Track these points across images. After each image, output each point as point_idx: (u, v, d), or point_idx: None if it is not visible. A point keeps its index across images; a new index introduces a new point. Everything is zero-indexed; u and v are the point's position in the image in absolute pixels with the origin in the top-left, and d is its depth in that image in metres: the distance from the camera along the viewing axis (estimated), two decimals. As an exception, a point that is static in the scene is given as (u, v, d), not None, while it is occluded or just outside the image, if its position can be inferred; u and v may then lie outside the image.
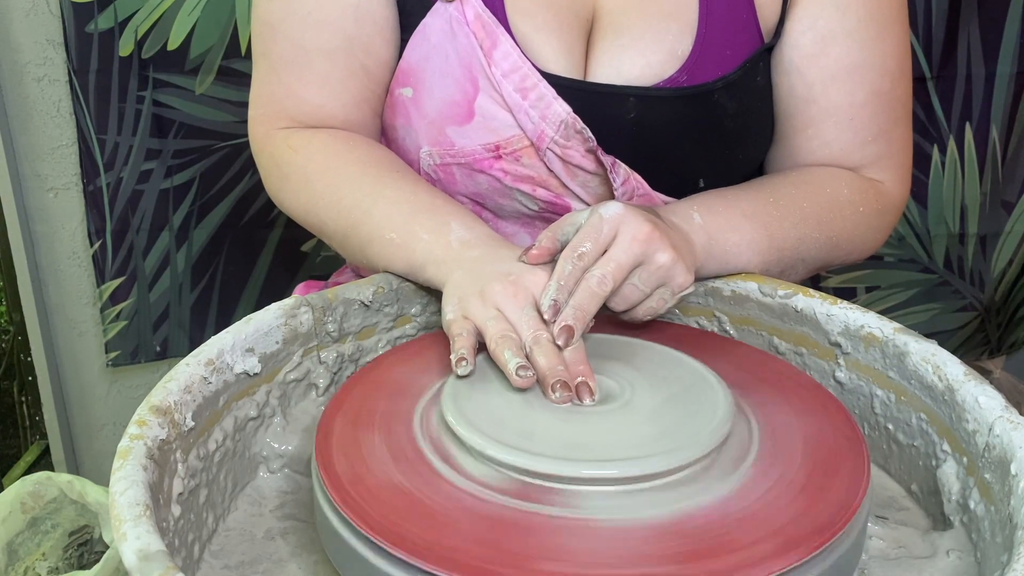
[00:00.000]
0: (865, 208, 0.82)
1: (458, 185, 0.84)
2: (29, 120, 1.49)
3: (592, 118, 0.78)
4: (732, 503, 0.52)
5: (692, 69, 0.80)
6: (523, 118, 0.79)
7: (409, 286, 0.74)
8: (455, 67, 0.80)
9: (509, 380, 0.59)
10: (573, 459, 0.53)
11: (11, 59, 1.46)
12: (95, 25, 1.41)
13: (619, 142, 0.80)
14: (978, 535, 0.57)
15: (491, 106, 0.79)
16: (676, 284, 0.67)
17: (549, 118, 0.78)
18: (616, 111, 0.80)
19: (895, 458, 0.66)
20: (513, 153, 0.81)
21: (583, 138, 0.79)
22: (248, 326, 0.64)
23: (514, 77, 0.78)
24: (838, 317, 0.68)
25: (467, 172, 0.83)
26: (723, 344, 0.71)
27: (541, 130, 0.79)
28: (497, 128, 0.80)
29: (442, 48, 0.80)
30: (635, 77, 0.80)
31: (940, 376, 0.60)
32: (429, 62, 0.80)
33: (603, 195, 0.83)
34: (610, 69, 0.80)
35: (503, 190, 0.83)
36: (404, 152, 0.86)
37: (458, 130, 0.81)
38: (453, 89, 0.80)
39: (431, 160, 0.83)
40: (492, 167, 0.82)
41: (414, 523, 0.50)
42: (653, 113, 0.80)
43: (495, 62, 0.78)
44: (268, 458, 0.66)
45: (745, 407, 0.60)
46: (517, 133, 0.80)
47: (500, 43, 0.78)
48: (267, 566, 0.58)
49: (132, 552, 0.45)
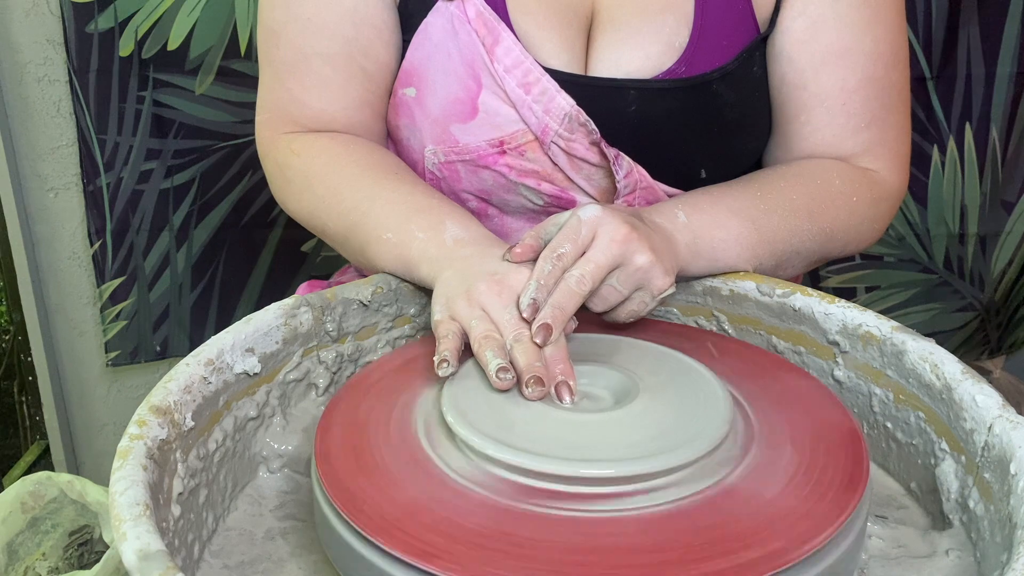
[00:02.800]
0: (858, 198, 0.82)
1: (463, 182, 0.85)
2: (29, 120, 1.49)
3: (594, 111, 0.79)
4: (731, 502, 0.52)
5: (690, 60, 0.81)
6: (527, 113, 0.80)
7: (408, 286, 0.74)
8: (457, 65, 0.80)
9: (490, 381, 0.59)
10: (573, 459, 0.53)
11: (11, 59, 1.46)
12: (95, 25, 1.41)
13: (621, 134, 0.80)
14: (977, 534, 0.57)
15: (494, 102, 0.80)
16: (655, 287, 0.68)
17: (553, 112, 0.79)
18: (617, 104, 0.80)
19: (894, 457, 0.66)
20: (517, 148, 0.81)
21: (587, 131, 0.79)
22: (248, 326, 0.64)
23: (517, 72, 0.79)
24: (836, 316, 0.68)
25: (472, 169, 0.83)
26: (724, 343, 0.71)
27: (545, 124, 0.80)
28: (501, 124, 0.81)
29: (444, 46, 0.80)
30: (635, 70, 0.81)
31: (938, 374, 0.60)
32: (431, 61, 0.81)
33: (607, 188, 0.83)
34: (610, 63, 0.81)
35: (508, 185, 0.84)
36: (409, 151, 0.86)
37: (462, 127, 0.82)
38: (456, 87, 0.81)
39: (435, 158, 0.84)
40: (497, 163, 0.82)
41: (414, 523, 0.50)
42: (653, 105, 0.81)
43: (497, 58, 0.79)
44: (268, 458, 0.66)
45: (743, 405, 0.60)
46: (521, 128, 0.81)
47: (502, 39, 0.79)
48: (267, 566, 0.58)
49: (132, 552, 0.45)
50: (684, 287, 0.77)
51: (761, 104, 0.86)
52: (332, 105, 0.83)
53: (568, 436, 0.55)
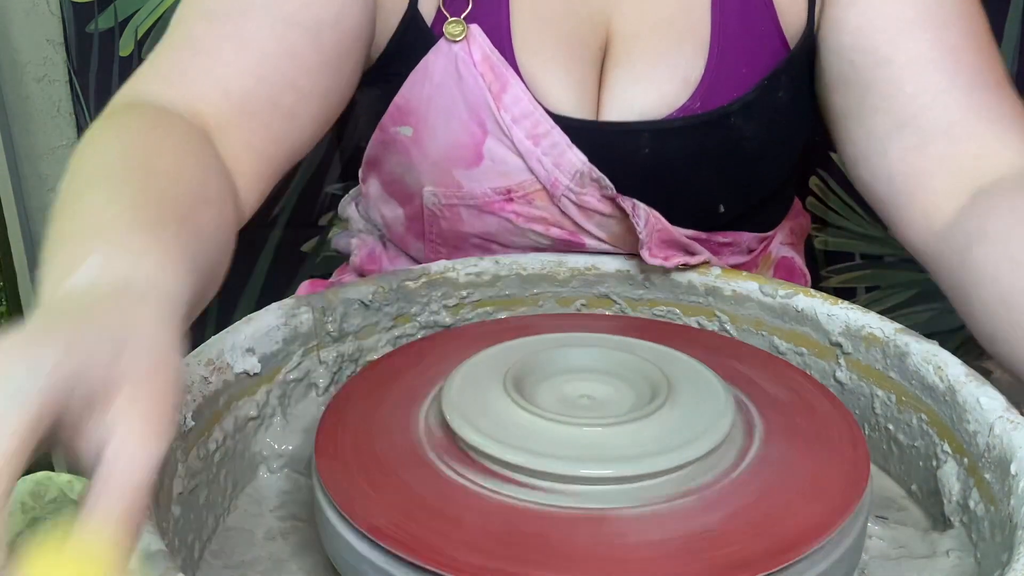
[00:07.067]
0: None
1: (465, 224, 0.81)
2: (29, 120, 1.49)
3: (606, 156, 0.75)
4: (731, 502, 0.52)
5: (705, 95, 0.76)
6: (535, 164, 0.75)
7: (409, 285, 0.74)
8: (461, 109, 0.75)
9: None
10: (573, 458, 0.53)
11: (11, 59, 1.46)
12: (95, 25, 1.41)
13: (634, 177, 0.76)
14: (978, 535, 0.57)
15: (501, 150, 0.76)
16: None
17: (563, 166, 0.75)
18: (630, 147, 0.76)
19: (895, 459, 0.66)
20: (525, 196, 0.78)
21: (600, 186, 0.76)
22: (248, 326, 0.64)
23: (525, 123, 0.75)
24: (839, 317, 0.68)
25: (476, 213, 0.80)
26: (725, 343, 0.71)
27: (555, 177, 0.76)
28: (508, 172, 0.76)
29: (447, 88, 0.75)
30: (649, 110, 0.76)
31: (941, 377, 0.60)
32: (432, 102, 0.76)
33: (620, 234, 0.79)
34: (623, 104, 0.77)
35: (515, 230, 0.80)
36: (403, 188, 0.83)
37: (466, 173, 0.77)
38: (459, 131, 0.76)
39: (436, 199, 0.80)
40: (504, 209, 0.79)
41: (415, 523, 0.50)
42: (667, 145, 0.76)
43: (505, 106, 0.74)
44: (268, 458, 0.66)
45: (744, 406, 0.60)
46: (529, 178, 0.76)
47: (510, 87, 0.74)
48: (267, 566, 0.58)
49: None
50: (686, 287, 0.77)
51: (786, 130, 0.80)
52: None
53: (570, 437, 0.55)
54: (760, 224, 0.88)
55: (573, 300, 0.81)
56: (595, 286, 0.80)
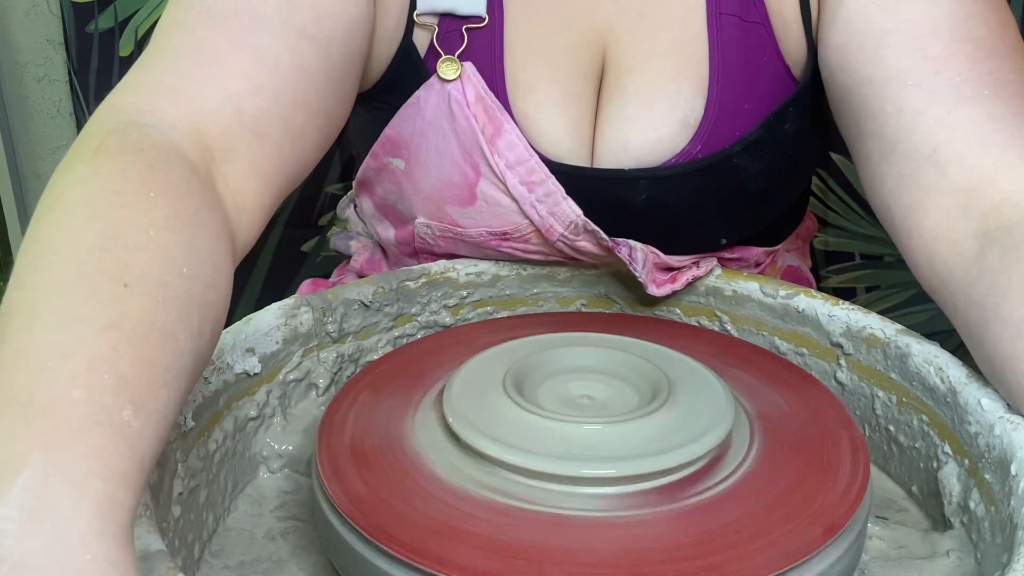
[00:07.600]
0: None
1: (462, 250, 0.80)
2: (29, 120, 1.49)
3: (601, 201, 0.73)
4: (730, 502, 0.52)
5: (706, 138, 0.72)
6: (529, 210, 0.74)
7: (409, 286, 0.74)
8: (454, 149, 0.73)
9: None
10: (573, 459, 0.52)
11: (11, 59, 1.46)
12: (95, 25, 1.41)
13: (631, 221, 0.75)
14: (978, 535, 0.57)
15: (495, 193, 0.74)
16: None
17: (558, 215, 0.73)
18: (626, 194, 0.74)
19: (895, 460, 0.66)
20: (522, 237, 0.76)
21: (596, 238, 0.74)
22: (248, 326, 0.64)
23: (520, 170, 0.73)
24: (840, 318, 0.68)
25: (471, 246, 0.78)
26: (725, 344, 0.71)
27: (549, 224, 0.74)
28: (502, 214, 0.75)
29: (439, 126, 0.73)
30: (645, 156, 0.73)
31: (942, 378, 0.60)
32: (424, 138, 0.74)
33: (618, 266, 0.78)
34: (617, 146, 0.74)
35: (512, 258, 0.79)
36: (396, 213, 0.82)
37: (460, 210, 0.76)
38: (452, 171, 0.74)
39: (429, 231, 0.79)
40: (501, 246, 0.77)
41: (414, 523, 0.50)
42: (666, 192, 0.74)
43: (499, 151, 0.72)
44: (268, 458, 0.66)
45: (745, 406, 0.60)
46: (524, 222, 0.75)
47: (504, 132, 0.72)
48: (267, 566, 0.58)
49: (132, 552, 0.45)
50: (687, 287, 0.77)
51: (795, 162, 0.76)
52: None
53: (570, 437, 0.55)
54: (769, 239, 0.86)
55: (573, 300, 0.81)
56: (595, 286, 0.80)
